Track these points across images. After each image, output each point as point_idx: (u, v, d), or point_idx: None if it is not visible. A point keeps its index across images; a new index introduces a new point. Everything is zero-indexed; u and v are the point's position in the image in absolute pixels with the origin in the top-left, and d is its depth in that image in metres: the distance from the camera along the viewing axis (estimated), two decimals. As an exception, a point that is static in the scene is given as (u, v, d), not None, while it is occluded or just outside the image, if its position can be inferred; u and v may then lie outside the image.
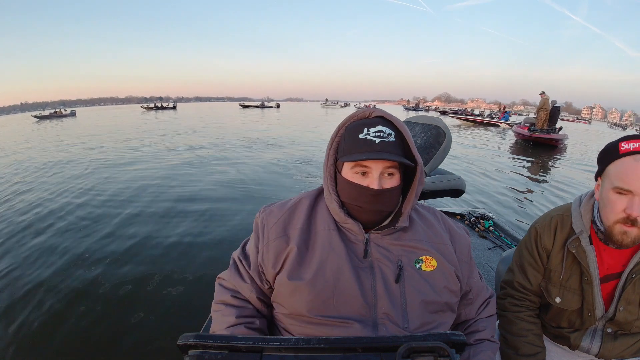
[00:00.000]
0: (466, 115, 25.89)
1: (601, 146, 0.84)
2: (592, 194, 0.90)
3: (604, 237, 0.85)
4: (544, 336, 1.01)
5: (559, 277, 0.92)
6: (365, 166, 0.70)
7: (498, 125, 20.18)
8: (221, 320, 0.77)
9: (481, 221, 2.30)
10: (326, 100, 76.79)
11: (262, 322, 0.78)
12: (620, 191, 0.76)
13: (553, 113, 11.59)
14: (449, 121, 21.86)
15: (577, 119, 76.39)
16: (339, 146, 0.75)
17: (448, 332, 0.45)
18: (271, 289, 0.78)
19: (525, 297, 0.98)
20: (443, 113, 32.20)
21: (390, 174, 0.71)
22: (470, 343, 0.79)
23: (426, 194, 2.02)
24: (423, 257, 0.74)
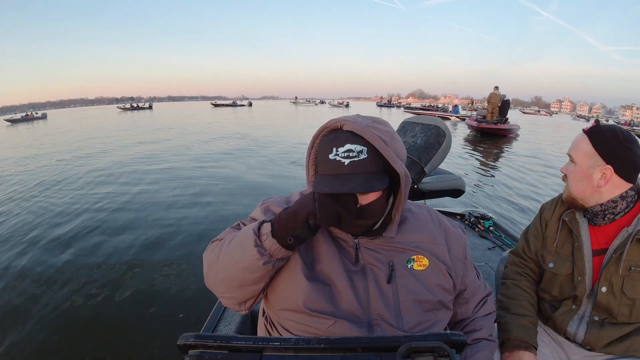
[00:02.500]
0: (421, 110, 29.81)
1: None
2: None
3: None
4: (538, 320, 1.04)
5: (553, 244, 1.01)
6: None
7: (449, 119, 22.46)
8: (231, 233, 0.74)
9: (481, 221, 2.30)
10: (296, 98, 74.01)
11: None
12: None
13: (503, 106, 12.97)
14: (407, 116, 23.31)
15: (539, 111, 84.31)
16: (317, 158, 0.72)
17: (448, 332, 0.45)
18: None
19: (525, 264, 1.08)
20: (407, 109, 35.98)
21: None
22: (468, 343, 0.79)
23: (426, 194, 2.02)
24: (414, 257, 0.74)
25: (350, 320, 0.69)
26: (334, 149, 0.66)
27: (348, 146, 0.65)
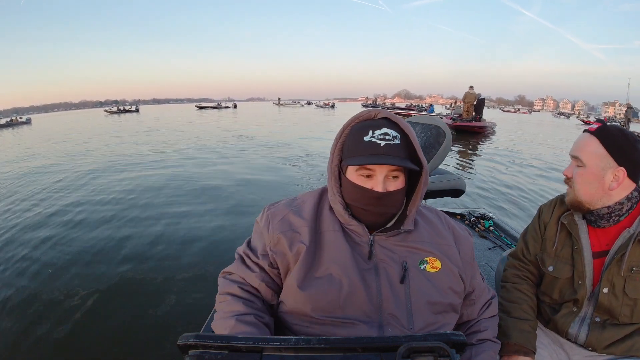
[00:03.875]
0: (398, 109, 30.41)
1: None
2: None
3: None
4: (538, 322, 1.03)
5: (552, 247, 0.99)
6: (370, 169, 0.70)
7: None
8: (228, 310, 0.73)
9: (481, 221, 2.30)
10: (279, 99, 73.24)
11: (270, 319, 0.76)
12: None
13: (478, 105, 13.65)
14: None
15: (518, 109, 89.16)
16: (343, 147, 0.75)
17: (448, 332, 0.45)
18: (279, 275, 0.76)
19: (524, 267, 1.06)
20: (388, 109, 38.63)
21: (394, 177, 0.70)
22: (472, 343, 0.79)
23: (426, 194, 2.02)
24: (427, 258, 0.74)
25: (361, 321, 0.69)
26: (370, 132, 0.69)
27: (385, 130, 0.69)
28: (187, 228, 3.84)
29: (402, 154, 0.69)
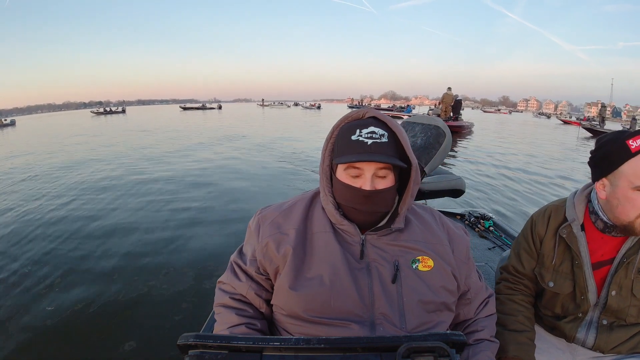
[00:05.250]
0: (380, 110, 31.86)
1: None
2: (586, 187, 0.94)
3: (604, 226, 0.87)
4: (542, 329, 1.02)
5: (551, 262, 0.95)
6: (358, 167, 0.70)
7: (402, 117, 24.48)
8: (222, 322, 0.77)
9: (481, 221, 2.30)
10: (262, 100, 73.75)
11: (262, 323, 0.78)
12: None
13: (455, 105, 14.51)
14: None
15: (499, 110, 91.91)
16: (333, 147, 0.75)
17: (448, 332, 0.45)
18: (268, 279, 0.78)
19: (519, 281, 1.03)
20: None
21: (383, 175, 0.71)
22: (469, 343, 0.79)
23: (426, 194, 2.02)
24: (420, 257, 0.74)
25: (353, 320, 0.69)
26: (358, 131, 0.70)
27: (372, 128, 0.70)
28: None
29: (390, 152, 0.69)
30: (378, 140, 0.69)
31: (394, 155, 0.70)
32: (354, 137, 0.70)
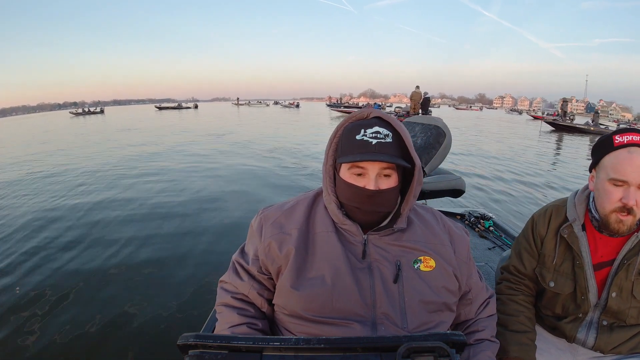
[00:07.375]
0: (344, 107, 30.82)
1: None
2: (587, 187, 0.94)
3: (598, 225, 0.88)
4: (542, 329, 1.03)
5: (552, 262, 0.96)
6: (362, 167, 0.70)
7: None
8: (223, 322, 0.78)
9: (481, 221, 2.30)
10: (237, 99, 72.02)
11: (264, 323, 0.78)
12: (616, 182, 0.80)
13: (424, 102, 15.00)
14: (333, 114, 27.98)
15: (470, 107, 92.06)
16: (337, 147, 0.76)
17: (448, 332, 0.45)
18: (270, 279, 0.78)
19: (519, 281, 1.03)
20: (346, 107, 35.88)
21: (386, 175, 0.71)
22: (470, 343, 0.79)
23: (426, 194, 2.02)
24: (421, 258, 0.75)
25: (354, 320, 0.69)
26: (362, 130, 0.70)
27: (376, 128, 0.70)
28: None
29: (394, 152, 0.70)
30: (382, 140, 0.69)
31: (398, 156, 0.70)
32: (358, 137, 0.70)
